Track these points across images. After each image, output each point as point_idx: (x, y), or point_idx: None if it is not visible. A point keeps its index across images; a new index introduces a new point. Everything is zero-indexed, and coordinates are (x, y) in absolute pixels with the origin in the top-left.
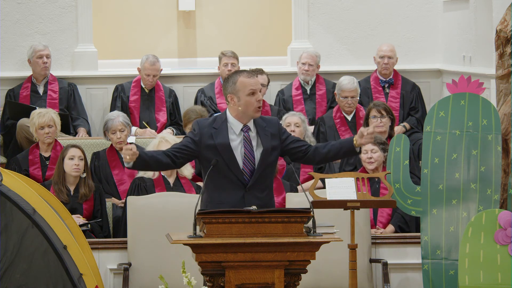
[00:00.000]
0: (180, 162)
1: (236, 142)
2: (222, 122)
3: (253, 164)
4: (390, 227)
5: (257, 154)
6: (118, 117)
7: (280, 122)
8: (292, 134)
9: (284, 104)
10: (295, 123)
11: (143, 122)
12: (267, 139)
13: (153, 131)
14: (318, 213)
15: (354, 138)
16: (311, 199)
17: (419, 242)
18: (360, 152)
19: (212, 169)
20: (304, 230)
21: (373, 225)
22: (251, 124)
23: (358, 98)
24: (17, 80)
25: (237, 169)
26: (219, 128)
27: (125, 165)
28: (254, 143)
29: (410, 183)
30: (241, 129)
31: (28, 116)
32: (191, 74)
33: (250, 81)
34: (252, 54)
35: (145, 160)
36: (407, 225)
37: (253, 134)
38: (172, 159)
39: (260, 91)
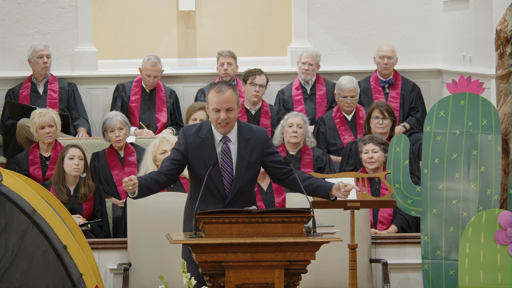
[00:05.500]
0: (175, 177)
1: (217, 153)
2: (207, 130)
3: (232, 177)
4: (393, 228)
5: (236, 168)
6: (116, 116)
7: (282, 122)
8: (294, 135)
9: (284, 104)
10: (297, 124)
11: (140, 123)
12: (246, 152)
13: (150, 131)
14: (318, 213)
15: (332, 188)
16: (311, 199)
17: (419, 242)
18: (335, 199)
19: (193, 178)
20: (304, 230)
21: (373, 225)
22: (232, 135)
23: (358, 98)
24: (17, 80)
25: (219, 182)
26: (204, 137)
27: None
28: (233, 155)
29: (410, 183)
30: (220, 140)
31: (28, 116)
32: (191, 74)
33: (216, 98)
34: (252, 54)
35: (146, 186)
36: (409, 227)
37: (234, 145)
38: (167, 176)
39: (229, 109)
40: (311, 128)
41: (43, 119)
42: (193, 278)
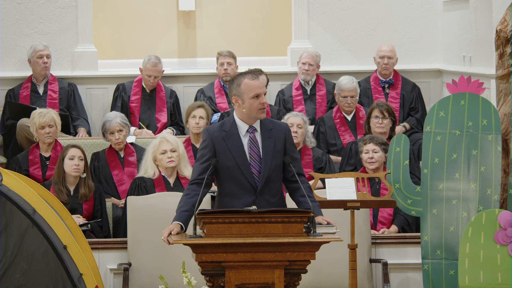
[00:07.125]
0: (211, 179)
1: (244, 144)
2: (231, 124)
3: (260, 166)
4: (394, 228)
5: (263, 155)
6: (116, 117)
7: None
8: (294, 135)
9: (284, 104)
10: (297, 124)
11: (140, 123)
12: (270, 142)
13: (150, 131)
14: None
15: (318, 216)
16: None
17: (419, 242)
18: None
19: (221, 174)
20: (304, 230)
21: (373, 225)
22: (257, 125)
23: (358, 98)
24: (17, 80)
25: (248, 171)
26: (229, 131)
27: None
28: (260, 144)
29: (410, 183)
30: (247, 130)
31: (28, 116)
32: (191, 74)
33: (254, 84)
34: (252, 54)
35: (190, 216)
36: (409, 227)
37: (258, 135)
38: (205, 184)
39: (265, 94)
40: (311, 128)
41: (43, 119)
42: (193, 278)
